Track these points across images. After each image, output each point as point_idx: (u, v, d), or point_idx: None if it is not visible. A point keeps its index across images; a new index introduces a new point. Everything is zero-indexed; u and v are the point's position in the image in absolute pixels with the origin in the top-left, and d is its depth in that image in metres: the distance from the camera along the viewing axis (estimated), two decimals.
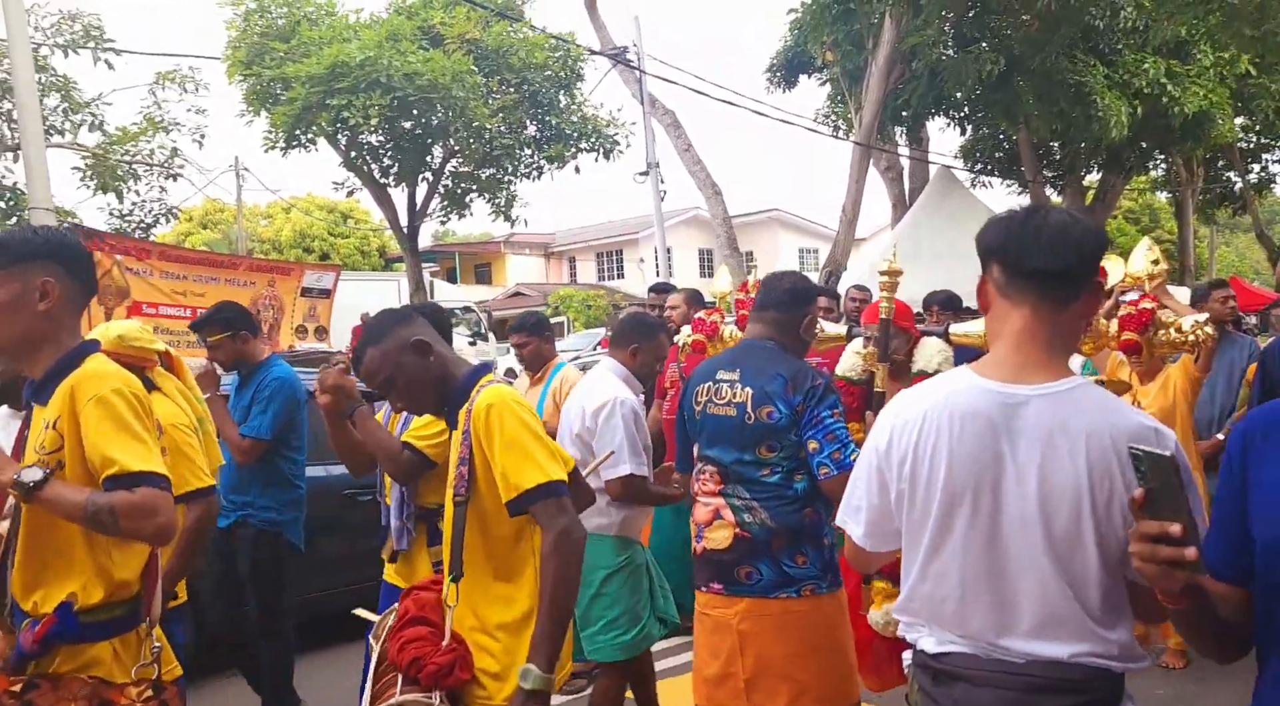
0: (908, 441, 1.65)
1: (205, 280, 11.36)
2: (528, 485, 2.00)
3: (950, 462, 1.59)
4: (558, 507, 2.02)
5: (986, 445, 1.57)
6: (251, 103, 13.37)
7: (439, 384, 2.18)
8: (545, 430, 2.40)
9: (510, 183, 15.11)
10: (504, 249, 35.20)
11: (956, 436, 1.59)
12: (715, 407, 2.76)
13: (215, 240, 32.65)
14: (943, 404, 1.63)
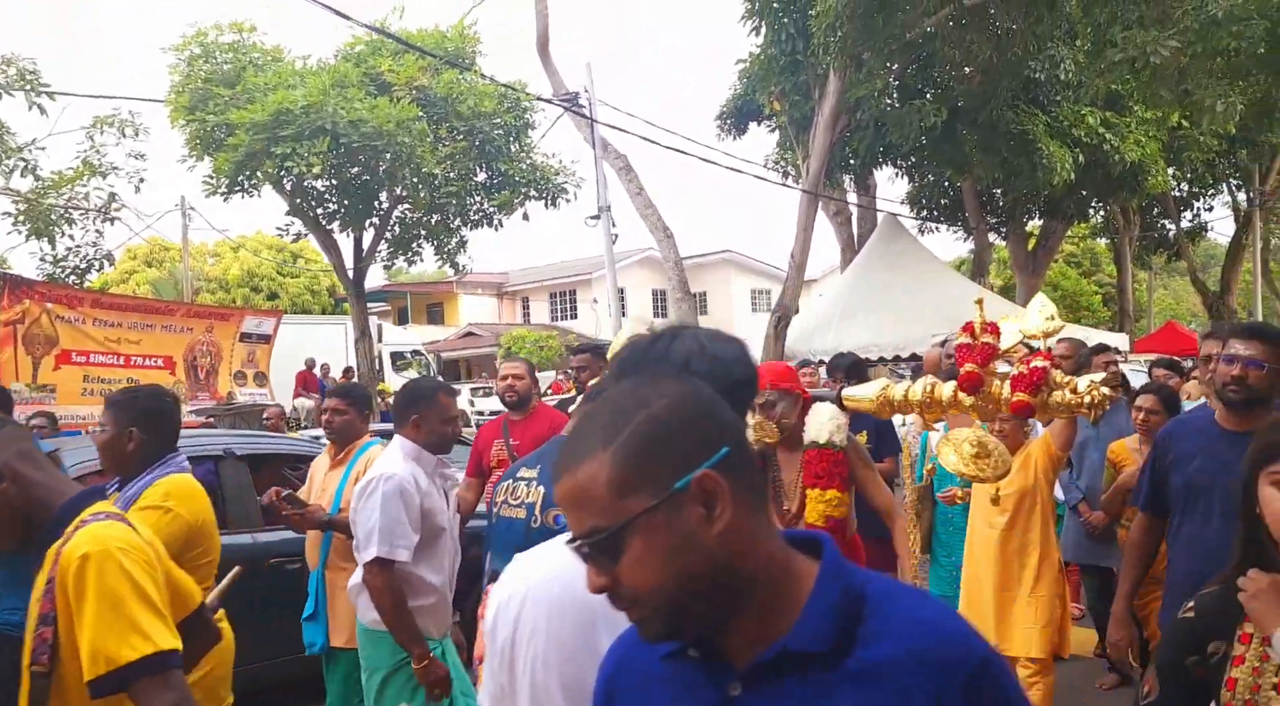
0: (506, 631, 1.36)
1: (140, 327, 11.07)
2: (124, 659, 1.62)
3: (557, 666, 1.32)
4: (163, 684, 1.64)
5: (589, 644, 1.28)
6: (194, 148, 13.14)
7: (19, 518, 1.74)
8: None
9: (458, 229, 15.01)
10: (456, 289, 34.97)
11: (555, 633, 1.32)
12: (508, 509, 2.38)
13: (161, 279, 31.94)
14: (542, 586, 1.33)
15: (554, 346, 32.00)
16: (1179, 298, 42.47)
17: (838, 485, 3.18)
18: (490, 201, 14.67)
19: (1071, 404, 2.64)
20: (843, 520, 3.20)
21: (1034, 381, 2.66)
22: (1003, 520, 3.91)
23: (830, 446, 3.18)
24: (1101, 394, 2.59)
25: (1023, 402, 2.67)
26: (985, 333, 2.81)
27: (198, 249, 32.86)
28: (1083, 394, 2.61)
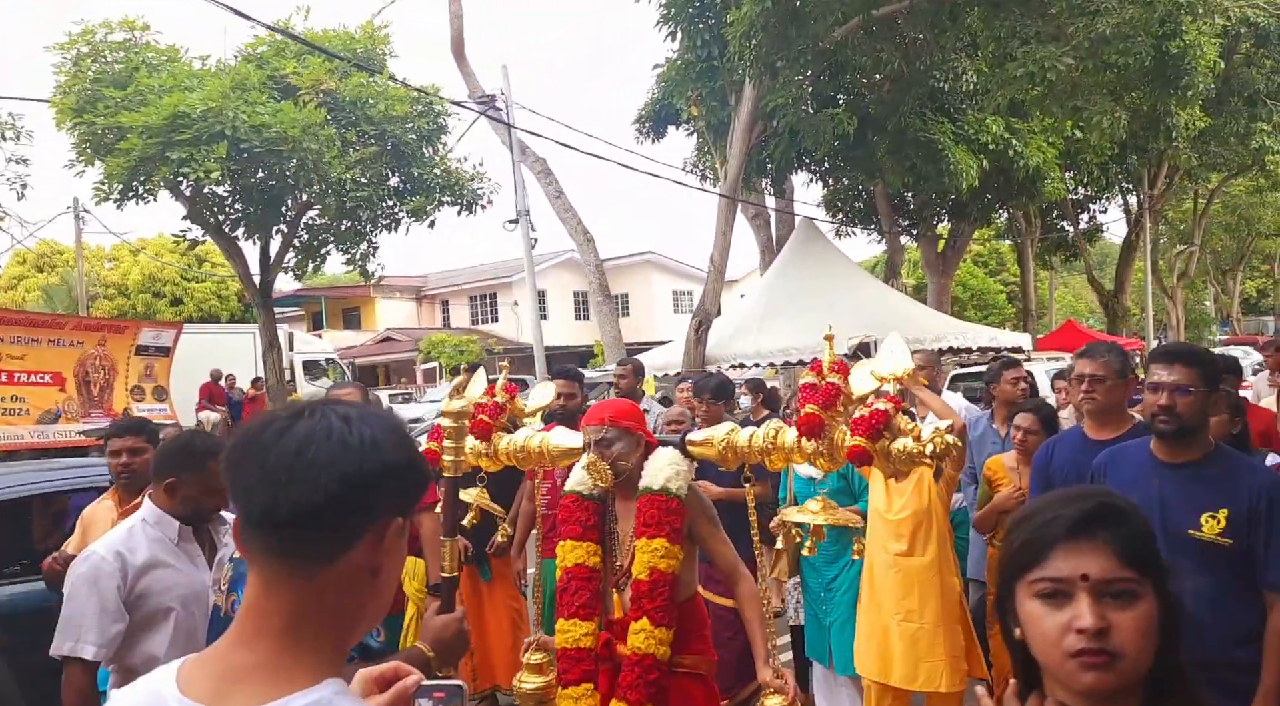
0: None
1: (25, 342, 10.47)
2: None
3: None
4: None
5: None
6: (83, 152, 12.46)
7: None
8: None
9: (370, 234, 14.61)
10: (373, 293, 34.19)
11: None
12: (218, 593, 2.32)
13: (53, 285, 30.35)
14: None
15: (474, 350, 31.56)
16: (1078, 295, 44.32)
17: (666, 535, 2.88)
18: (403, 206, 14.31)
19: (913, 452, 2.34)
20: (671, 575, 2.88)
21: (873, 425, 2.37)
22: (900, 546, 3.80)
23: (664, 493, 2.91)
24: (945, 442, 2.32)
25: (858, 449, 2.38)
26: (832, 372, 2.55)
27: (94, 253, 31.36)
28: (926, 442, 2.32)
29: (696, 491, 3.03)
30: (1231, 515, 2.43)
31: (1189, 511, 2.48)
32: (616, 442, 2.96)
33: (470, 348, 31.64)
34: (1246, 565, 2.45)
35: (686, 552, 2.98)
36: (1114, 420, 3.22)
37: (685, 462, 2.96)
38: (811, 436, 2.47)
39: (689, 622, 2.97)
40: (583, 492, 3.10)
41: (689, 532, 2.98)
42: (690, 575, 3.06)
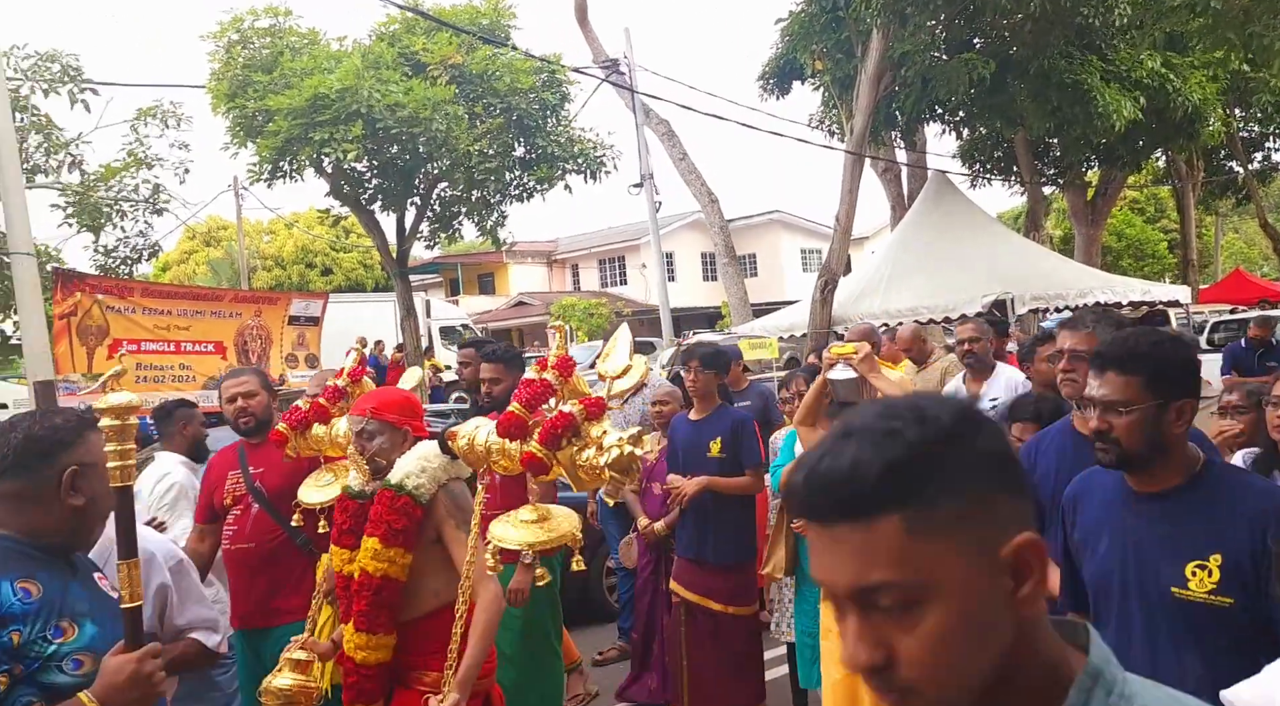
0: None
1: (189, 314, 11.31)
2: None
3: None
4: None
5: None
6: (236, 135, 13.31)
7: None
8: None
9: (499, 204, 15.01)
10: (506, 259, 35.13)
11: None
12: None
13: (218, 258, 32.68)
14: None
15: (604, 313, 32.02)
16: (1250, 241, 40.71)
17: (381, 534, 2.59)
18: (529, 176, 14.61)
19: (593, 465, 2.03)
20: (379, 579, 2.60)
21: (552, 432, 2.07)
22: None
23: (397, 490, 2.61)
24: (627, 454, 1.97)
25: (529, 456, 2.08)
26: (554, 370, 2.25)
27: (253, 227, 33.52)
28: (608, 449, 2.00)
29: (452, 492, 2.68)
30: (1228, 563, 1.77)
31: (1170, 561, 1.82)
32: (377, 437, 2.70)
33: (600, 310, 32.12)
34: (1256, 631, 1.75)
35: (434, 558, 2.66)
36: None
37: (441, 460, 2.62)
38: (514, 438, 2.19)
39: (432, 637, 2.64)
40: (351, 490, 2.84)
41: (436, 539, 2.66)
42: (441, 581, 2.69)
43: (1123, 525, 1.92)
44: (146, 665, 1.70)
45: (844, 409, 3.37)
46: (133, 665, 1.68)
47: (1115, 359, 1.88)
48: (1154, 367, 1.85)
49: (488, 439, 2.33)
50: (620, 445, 1.96)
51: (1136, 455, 1.87)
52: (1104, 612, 1.94)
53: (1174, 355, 1.87)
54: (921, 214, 13.98)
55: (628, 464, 1.95)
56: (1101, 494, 2.00)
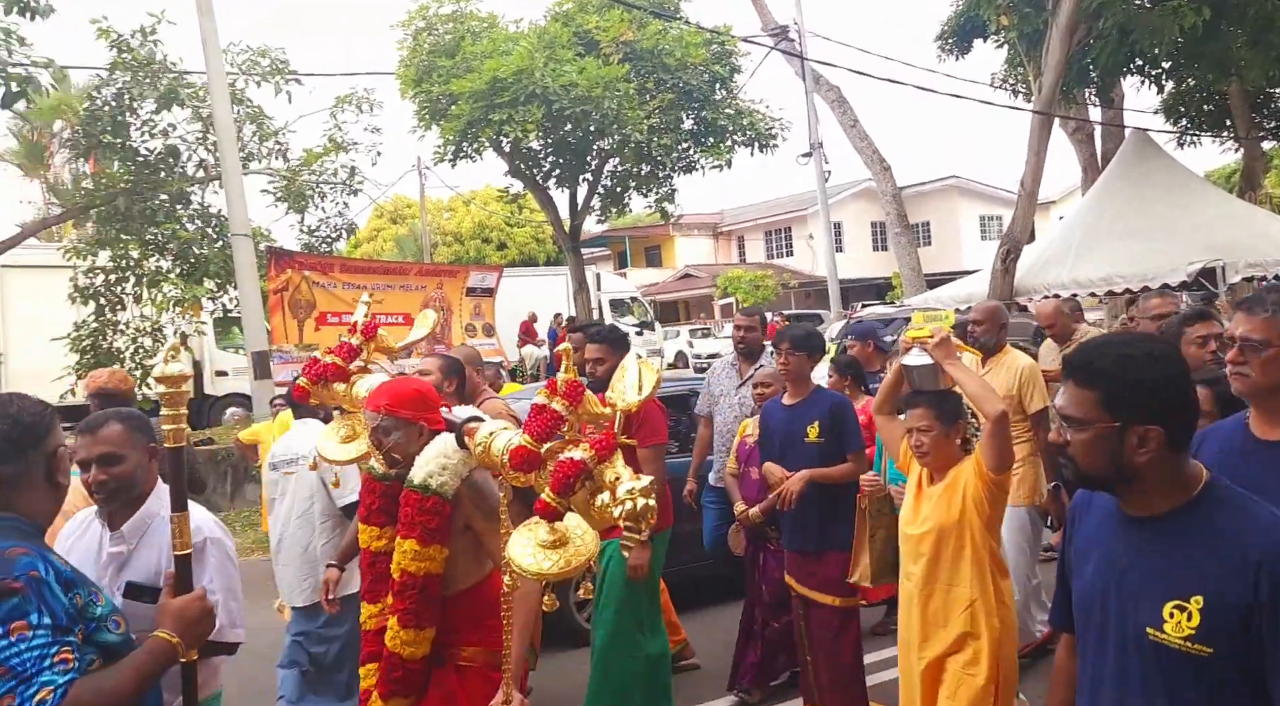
0: None
1: (381, 287, 12.10)
2: None
3: None
4: None
5: None
6: (422, 118, 14.07)
7: None
8: None
9: (668, 178, 15.14)
10: (672, 231, 35.40)
11: None
12: None
13: (403, 235, 34.71)
14: None
15: (770, 285, 31.73)
16: None
17: (416, 536, 2.62)
18: (698, 149, 14.65)
19: (607, 513, 1.93)
20: (421, 578, 2.63)
21: (563, 480, 1.95)
22: (918, 569, 3.04)
23: (422, 490, 2.62)
24: (641, 505, 1.85)
25: (543, 505, 2.00)
26: (559, 397, 2.12)
27: (434, 205, 35.35)
28: (621, 501, 1.87)
29: (476, 484, 2.69)
30: (1210, 606, 1.53)
31: (1150, 598, 1.61)
32: (393, 432, 2.70)
33: (766, 282, 31.85)
34: (1238, 688, 1.53)
35: (466, 544, 2.71)
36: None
37: (460, 454, 2.60)
38: (526, 471, 2.10)
39: (467, 613, 2.74)
40: (375, 471, 2.90)
41: (466, 527, 2.70)
42: (473, 563, 2.76)
43: (1109, 550, 1.71)
44: (206, 602, 1.96)
45: (919, 397, 3.12)
46: (199, 603, 1.94)
47: (1076, 367, 1.68)
48: (1113, 385, 1.61)
49: (504, 451, 2.19)
50: (633, 497, 1.84)
51: (1095, 477, 1.68)
52: (1082, 641, 1.77)
53: (1143, 373, 1.60)
54: (1118, 175, 12.96)
55: (641, 515, 1.83)
56: (1100, 510, 1.77)
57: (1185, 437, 1.64)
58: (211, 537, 2.50)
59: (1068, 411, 1.67)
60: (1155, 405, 1.59)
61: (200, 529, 2.45)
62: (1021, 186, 12.97)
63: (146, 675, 1.85)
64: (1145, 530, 1.65)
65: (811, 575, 4.01)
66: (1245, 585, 1.50)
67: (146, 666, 1.85)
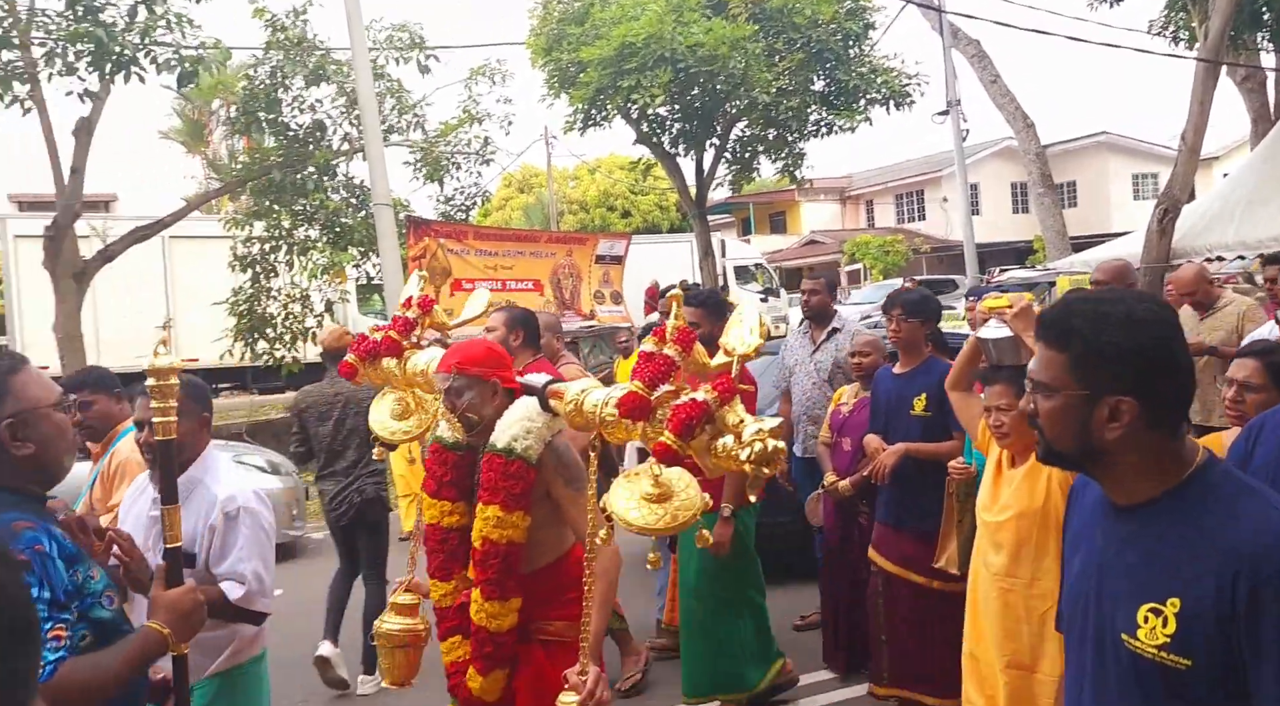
0: None
1: (513, 254, 12.42)
2: None
3: None
4: None
5: None
6: (552, 87, 14.25)
7: None
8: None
9: (796, 141, 14.83)
10: (798, 196, 34.73)
11: None
12: None
13: (530, 204, 35.43)
14: None
15: (900, 250, 30.78)
16: None
17: (500, 501, 2.55)
18: (829, 112, 14.27)
19: (731, 455, 1.81)
20: (504, 546, 2.56)
21: (685, 421, 1.85)
22: (998, 559, 2.88)
23: (506, 454, 2.54)
24: (768, 448, 1.72)
25: (662, 447, 1.87)
26: (674, 341, 2.03)
27: (560, 174, 35.86)
28: (745, 443, 1.76)
29: (559, 450, 2.62)
30: (1186, 612, 1.33)
31: (1127, 599, 1.41)
32: (466, 392, 2.60)
33: (896, 248, 30.92)
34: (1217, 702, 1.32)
35: (548, 512, 2.63)
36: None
37: (544, 417, 2.52)
38: (636, 419, 2.00)
39: (552, 585, 2.67)
40: (445, 441, 2.79)
41: (547, 494, 2.62)
42: (554, 536, 2.69)
43: (1094, 541, 1.51)
44: (199, 595, 1.93)
45: (999, 373, 2.95)
46: (192, 595, 1.90)
47: (1047, 325, 1.47)
48: (1084, 346, 1.40)
49: (600, 406, 2.12)
50: (761, 437, 1.73)
51: (1063, 453, 1.48)
52: (1068, 642, 1.57)
53: (1118, 336, 1.38)
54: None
55: (770, 457, 1.72)
56: (1094, 494, 1.55)
57: (1168, 415, 1.41)
58: (246, 507, 2.56)
59: (1035, 374, 1.48)
60: (1130, 373, 1.37)
61: (235, 498, 2.55)
62: (1182, 141, 12.07)
63: (135, 664, 1.85)
64: (1128, 520, 1.44)
65: (897, 551, 3.87)
66: (1224, 590, 1.28)
67: (135, 655, 1.84)
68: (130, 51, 8.88)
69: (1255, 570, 1.26)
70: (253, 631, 2.64)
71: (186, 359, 16.47)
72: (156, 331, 2.25)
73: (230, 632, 2.57)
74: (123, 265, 12.01)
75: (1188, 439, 1.45)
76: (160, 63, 9.22)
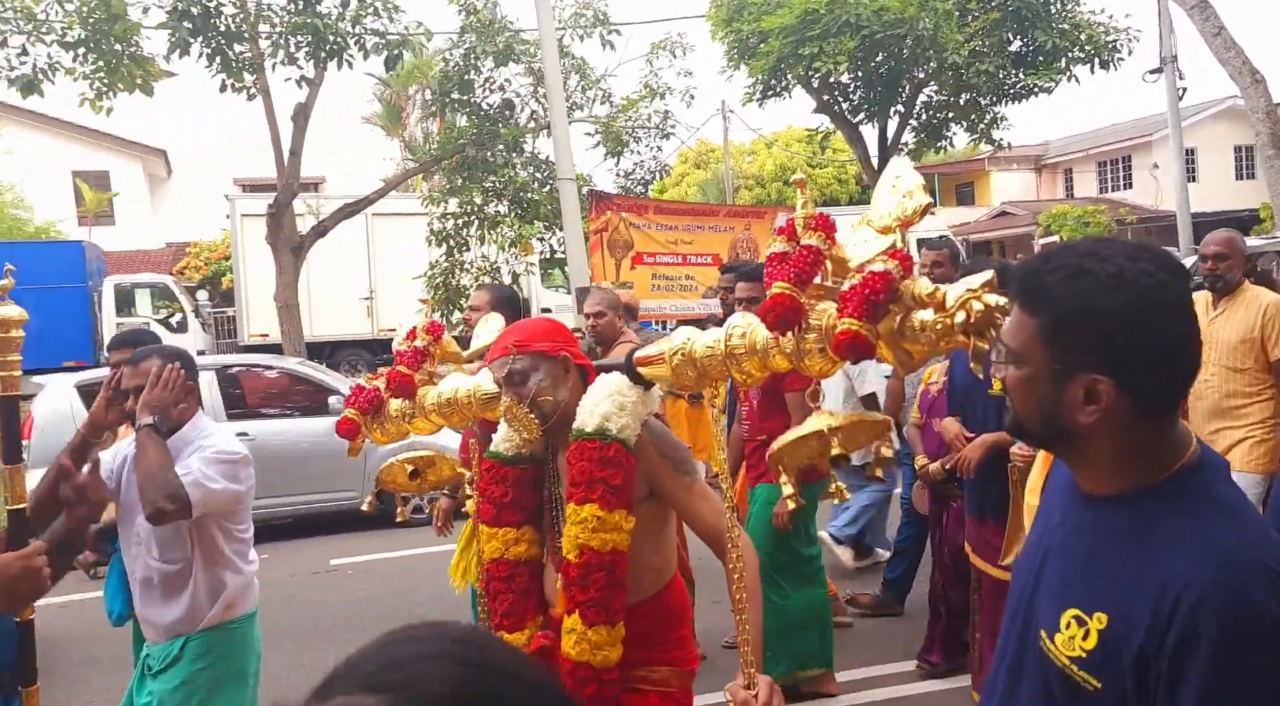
0: None
1: (692, 229, 12.51)
2: None
3: None
4: None
5: None
6: (731, 58, 14.19)
7: None
8: None
9: (991, 105, 14.07)
10: (987, 166, 32.94)
11: None
12: None
13: (706, 179, 35.45)
14: None
15: (1102, 221, 28.64)
16: None
17: (599, 498, 2.02)
18: (1027, 73, 13.43)
19: (938, 327, 1.42)
20: (609, 555, 2.03)
21: (868, 297, 1.46)
22: None
23: (599, 436, 2.04)
24: (983, 307, 1.35)
25: (848, 335, 1.47)
26: (810, 230, 1.62)
27: (736, 148, 35.62)
28: (953, 308, 1.39)
29: (658, 430, 2.13)
30: (1111, 630, 1.14)
31: (1058, 595, 1.23)
32: (533, 374, 2.12)
33: (1097, 219, 28.77)
34: None
35: (648, 520, 2.12)
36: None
37: (636, 391, 2.06)
38: (785, 329, 1.60)
39: (653, 627, 2.16)
40: (502, 455, 2.29)
41: (651, 490, 2.12)
42: (658, 552, 2.19)
43: (1052, 518, 1.32)
44: (35, 561, 1.84)
45: None
46: (21, 562, 1.83)
47: (1020, 280, 1.22)
48: (1056, 311, 1.16)
49: (722, 339, 1.76)
50: (976, 296, 1.36)
51: (1032, 431, 1.25)
52: (1005, 617, 1.36)
53: (1100, 301, 1.13)
54: None
55: (989, 322, 1.35)
56: (1058, 484, 1.35)
57: (1158, 402, 1.17)
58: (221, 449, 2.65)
59: (1005, 338, 1.25)
60: (1111, 349, 1.14)
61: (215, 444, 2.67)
62: None
63: None
64: (1088, 508, 1.23)
65: (984, 543, 3.60)
66: (1158, 622, 1.09)
67: None
68: (342, 39, 9.60)
69: (1195, 613, 1.06)
70: (241, 589, 2.72)
71: (385, 329, 17.76)
72: (361, 302, 2.43)
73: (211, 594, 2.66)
74: (331, 241, 13.04)
75: (1181, 428, 1.21)
76: (368, 48, 9.91)
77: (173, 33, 9.60)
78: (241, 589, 2.72)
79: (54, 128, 24.35)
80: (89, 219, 23.43)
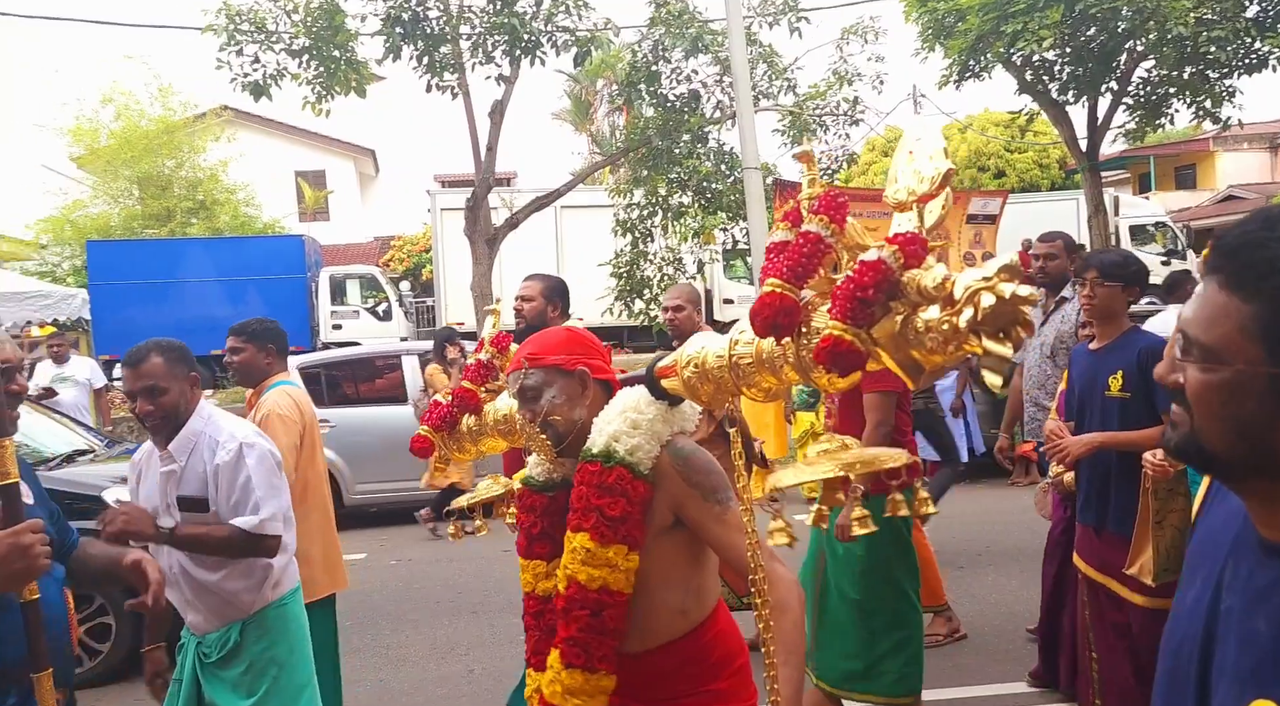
0: None
1: (879, 215, 12.08)
2: None
3: None
4: None
5: None
6: (926, 39, 13.59)
7: None
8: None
9: (1221, 78, 12.72)
10: (1213, 146, 29.92)
11: None
12: None
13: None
14: None
15: None
16: None
17: (591, 527, 1.77)
18: (1266, 39, 12.05)
19: (948, 327, 1.13)
20: (596, 593, 1.77)
21: (855, 297, 1.20)
22: None
23: (603, 460, 1.79)
24: (1000, 299, 1.06)
25: (827, 342, 1.21)
26: (813, 216, 1.34)
27: None
28: (960, 303, 1.11)
29: (683, 453, 1.82)
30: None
31: (1241, 678, 0.89)
32: (545, 391, 1.90)
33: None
34: None
35: (672, 554, 1.84)
36: None
37: (656, 408, 1.79)
38: (776, 335, 1.35)
39: (683, 671, 1.87)
40: (534, 482, 2.04)
41: (678, 519, 1.83)
42: (686, 591, 1.88)
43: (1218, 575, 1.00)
44: (25, 538, 1.76)
45: None
46: (9, 538, 1.76)
47: (1225, 255, 0.89)
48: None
49: (728, 349, 1.53)
50: (988, 286, 1.10)
51: (1218, 454, 0.91)
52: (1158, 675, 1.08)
53: None
54: None
55: (1010, 318, 1.09)
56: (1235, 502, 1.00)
57: None
58: (246, 443, 2.64)
59: (1192, 329, 0.92)
60: None
61: (234, 436, 2.63)
62: None
63: None
64: (1272, 564, 0.92)
65: (1097, 555, 3.33)
66: None
67: None
68: (536, 36, 9.96)
69: None
70: (279, 568, 2.74)
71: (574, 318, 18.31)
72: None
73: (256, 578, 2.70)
74: (523, 233, 13.58)
75: None
76: (559, 45, 10.25)
77: (387, 38, 10.29)
78: (284, 566, 2.77)
79: (279, 131, 26.73)
80: (308, 215, 25.62)
